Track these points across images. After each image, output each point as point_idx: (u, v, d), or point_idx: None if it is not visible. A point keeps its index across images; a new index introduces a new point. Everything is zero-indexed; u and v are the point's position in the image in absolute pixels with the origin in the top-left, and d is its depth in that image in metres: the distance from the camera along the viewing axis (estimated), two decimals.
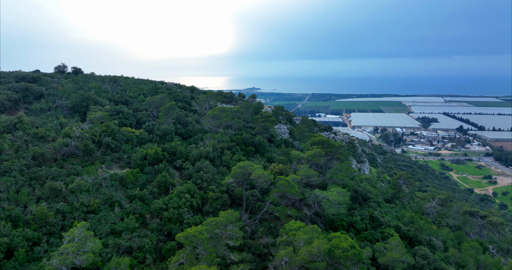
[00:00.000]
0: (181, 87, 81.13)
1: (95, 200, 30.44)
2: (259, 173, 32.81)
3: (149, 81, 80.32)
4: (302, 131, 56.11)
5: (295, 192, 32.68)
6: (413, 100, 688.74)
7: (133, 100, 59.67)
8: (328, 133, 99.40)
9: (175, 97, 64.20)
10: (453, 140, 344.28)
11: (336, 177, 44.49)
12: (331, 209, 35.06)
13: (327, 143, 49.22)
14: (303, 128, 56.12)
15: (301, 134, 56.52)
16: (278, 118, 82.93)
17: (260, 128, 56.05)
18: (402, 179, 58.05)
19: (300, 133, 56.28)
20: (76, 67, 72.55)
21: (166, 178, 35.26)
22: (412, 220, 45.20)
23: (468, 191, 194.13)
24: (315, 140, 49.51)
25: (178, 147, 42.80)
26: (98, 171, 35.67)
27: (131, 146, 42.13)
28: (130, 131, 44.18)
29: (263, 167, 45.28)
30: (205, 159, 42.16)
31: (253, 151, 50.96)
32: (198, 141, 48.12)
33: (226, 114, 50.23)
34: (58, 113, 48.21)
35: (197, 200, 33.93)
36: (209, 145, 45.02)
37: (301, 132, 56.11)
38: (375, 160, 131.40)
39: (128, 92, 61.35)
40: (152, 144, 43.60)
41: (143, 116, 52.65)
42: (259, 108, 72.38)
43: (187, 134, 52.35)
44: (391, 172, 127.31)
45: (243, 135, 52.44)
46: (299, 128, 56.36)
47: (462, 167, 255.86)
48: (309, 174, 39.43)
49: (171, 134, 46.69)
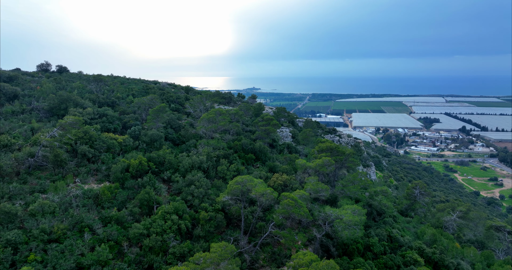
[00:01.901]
0: (176, 87, 75.49)
1: (60, 225, 24.83)
2: (260, 191, 27.25)
3: (140, 80, 74.72)
4: (307, 136, 50.56)
5: (303, 213, 27.11)
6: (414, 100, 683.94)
7: (121, 101, 54.06)
8: (333, 135, 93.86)
9: (168, 98, 58.60)
10: (456, 141, 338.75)
11: (348, 190, 38.94)
12: (345, 231, 29.49)
13: (336, 150, 43.68)
14: (308, 132, 50.57)
15: (306, 139, 50.97)
16: (280, 121, 77.39)
17: (261, 132, 50.49)
18: (418, 189, 52.48)
19: (305, 138, 50.74)
20: (61, 66, 66.92)
21: (149, 195, 29.66)
22: (434, 238, 39.65)
23: (474, 194, 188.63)
24: (322, 147, 43.96)
25: (167, 156, 37.22)
26: (69, 187, 30.07)
27: (112, 155, 36.53)
28: (112, 138, 38.58)
29: (265, 178, 39.71)
30: (198, 170, 36.57)
31: (253, 159, 45.39)
32: (191, 148, 42.53)
33: (223, 118, 44.65)
34: (33, 116, 42.61)
35: (186, 222, 28.35)
36: (203, 153, 39.44)
37: (306, 136, 50.56)
38: (380, 163, 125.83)
39: (115, 92, 55.73)
40: (137, 153, 38.02)
41: (130, 120, 47.06)
42: (260, 110, 66.82)
43: (179, 139, 46.77)
44: (398, 176, 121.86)
45: (242, 140, 46.87)
46: (304, 133, 50.80)
47: (467, 169, 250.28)
48: (319, 189, 33.86)
49: (160, 140, 41.11)
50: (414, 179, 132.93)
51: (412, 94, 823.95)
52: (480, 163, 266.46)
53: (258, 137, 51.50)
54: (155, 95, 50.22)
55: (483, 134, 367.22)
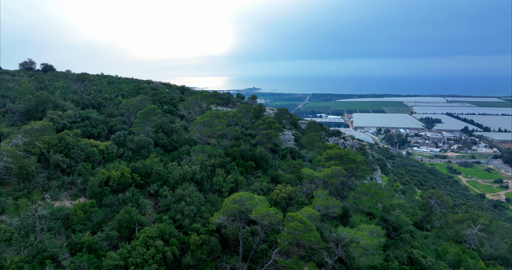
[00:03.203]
0: (170, 87, 70.73)
1: (14, 258, 20.13)
2: (262, 212, 22.54)
3: (133, 80, 69.98)
4: (312, 141, 45.89)
5: (314, 239, 22.39)
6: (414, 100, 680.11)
7: (109, 103, 49.35)
8: (337, 138, 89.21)
9: (160, 99, 53.89)
10: (458, 142, 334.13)
11: (361, 204, 34.21)
12: (363, 258, 24.77)
13: (346, 157, 38.98)
14: (313, 137, 45.90)
15: (311, 144, 46.31)
16: (282, 123, 72.71)
17: (262, 137, 45.79)
18: (434, 199, 47.75)
19: (310, 142, 46.07)
20: (46, 64, 62.18)
21: (130, 216, 24.93)
22: (459, 258, 34.94)
23: (479, 196, 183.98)
24: (331, 154, 39.25)
25: (154, 166, 32.51)
26: (35, 205, 25.35)
27: (92, 165, 31.81)
28: (93, 145, 33.87)
29: (267, 190, 34.99)
30: (190, 182, 31.87)
31: (253, 167, 40.68)
32: (184, 156, 37.80)
33: (219, 121, 39.90)
34: (6, 120, 37.88)
35: (173, 248, 23.63)
36: (196, 162, 34.74)
37: (311, 141, 45.91)
38: (385, 166, 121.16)
39: (103, 93, 51.01)
40: (121, 162, 33.33)
41: (117, 123, 42.36)
42: (260, 112, 62.10)
43: (171, 145, 42.06)
44: (404, 180, 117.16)
45: (241, 146, 42.16)
46: (309, 137, 46.12)
47: (471, 170, 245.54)
48: (329, 205, 29.14)
49: (148, 147, 36.39)
50: (420, 182, 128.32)
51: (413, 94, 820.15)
52: (484, 164, 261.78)
53: (259, 142, 46.81)
54: (145, 96, 45.45)
55: (485, 134, 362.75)
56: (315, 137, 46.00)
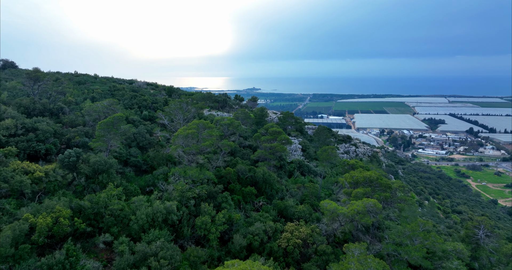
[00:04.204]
0: (157, 88, 60.49)
1: None
2: None
3: (112, 79, 59.70)
4: (329, 157, 35.89)
5: None
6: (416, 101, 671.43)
7: (73, 108, 39.32)
8: (348, 145, 79.18)
9: (139, 102, 43.83)
10: (464, 143, 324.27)
11: (406, 253, 24.17)
12: None
13: (378, 182, 28.98)
14: (330, 151, 35.89)
15: (327, 159, 36.32)
16: (286, 129, 62.70)
17: (265, 151, 35.76)
18: (482, 229, 37.75)
19: (326, 159, 36.07)
20: (6, 60, 51.99)
21: None
22: None
23: (492, 202, 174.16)
24: (358, 178, 29.26)
25: (112, 203, 22.46)
26: None
27: (16, 203, 21.75)
28: (26, 170, 23.82)
29: (273, 231, 24.92)
30: (163, 227, 21.85)
31: (253, 194, 30.64)
32: (159, 181, 27.78)
33: (209, 133, 29.80)
34: None
35: None
36: (173, 193, 24.69)
37: (328, 157, 35.90)
38: (397, 173, 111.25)
39: (67, 95, 40.96)
40: (68, 195, 23.33)
41: (76, 136, 32.32)
42: (262, 117, 52.08)
43: (147, 164, 32.04)
44: (418, 189, 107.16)
45: (238, 165, 32.12)
46: (325, 152, 36.11)
47: (480, 174, 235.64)
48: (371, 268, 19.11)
49: (109, 171, 26.30)
50: (434, 191, 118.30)
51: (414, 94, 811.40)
52: (493, 167, 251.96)
53: (261, 158, 36.78)
54: (114, 100, 35.25)
55: (492, 136, 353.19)
56: (331, 151, 35.95)
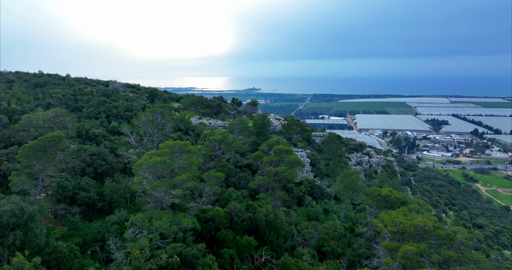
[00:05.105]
0: (138, 90, 50.52)
1: None
2: None
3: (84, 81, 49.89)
4: (354, 185, 26.65)
5: None
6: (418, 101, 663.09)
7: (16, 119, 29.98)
8: (360, 154, 69.85)
9: (108, 110, 34.38)
10: (470, 145, 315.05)
11: None
12: None
13: (435, 234, 19.81)
14: (354, 178, 26.63)
15: (351, 189, 27.05)
16: (292, 139, 53.35)
17: (269, 178, 26.42)
18: None
19: (351, 186, 26.83)
20: None
21: None
22: None
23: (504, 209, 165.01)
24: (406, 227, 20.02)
25: None
26: None
27: None
28: None
29: None
30: None
31: (253, 246, 21.32)
32: (111, 237, 18.47)
33: (187, 161, 20.36)
34: None
35: None
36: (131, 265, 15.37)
37: (353, 186, 26.66)
38: (410, 182, 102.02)
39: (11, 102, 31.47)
40: None
41: (4, 161, 23.01)
42: (264, 126, 42.77)
43: (104, 200, 22.73)
44: (433, 200, 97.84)
45: (231, 203, 22.74)
46: (349, 178, 26.85)
47: (488, 178, 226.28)
48: None
49: (29, 225, 16.93)
50: (450, 201, 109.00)
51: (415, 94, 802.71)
52: (501, 171, 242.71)
53: (262, 186, 27.44)
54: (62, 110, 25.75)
55: (498, 137, 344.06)
56: (356, 177, 26.69)
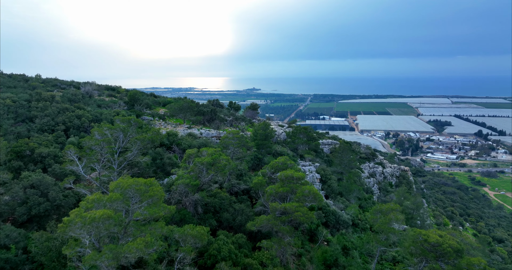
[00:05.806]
0: (118, 94, 42.71)
1: None
2: None
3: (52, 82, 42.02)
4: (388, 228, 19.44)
5: None
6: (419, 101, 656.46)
7: None
8: (373, 164, 62.49)
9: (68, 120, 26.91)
10: (475, 147, 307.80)
11: None
12: None
13: None
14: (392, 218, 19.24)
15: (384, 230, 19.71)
16: (298, 150, 45.97)
17: (274, 219, 19.07)
18: None
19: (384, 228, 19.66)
20: None
21: None
22: None
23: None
24: None
25: None
26: None
27: None
28: None
29: None
30: None
31: None
32: None
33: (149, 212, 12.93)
34: None
35: None
36: None
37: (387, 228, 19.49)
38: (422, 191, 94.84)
39: None
40: None
41: None
42: (266, 138, 35.42)
43: (31, 262, 15.41)
44: (448, 210, 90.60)
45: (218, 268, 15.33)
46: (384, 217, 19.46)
47: (496, 182, 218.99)
48: None
49: None
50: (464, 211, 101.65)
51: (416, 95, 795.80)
52: (509, 174, 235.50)
53: (265, 228, 20.07)
54: None
55: (502, 139, 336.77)
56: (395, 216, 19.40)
